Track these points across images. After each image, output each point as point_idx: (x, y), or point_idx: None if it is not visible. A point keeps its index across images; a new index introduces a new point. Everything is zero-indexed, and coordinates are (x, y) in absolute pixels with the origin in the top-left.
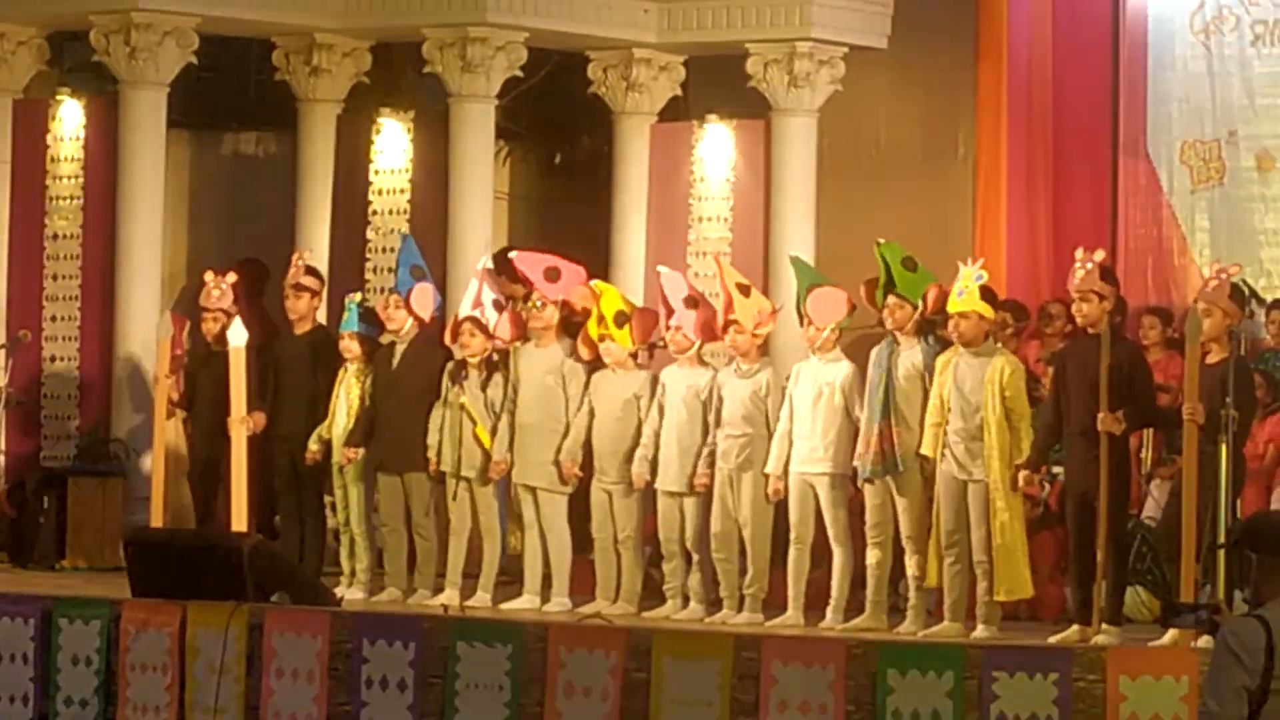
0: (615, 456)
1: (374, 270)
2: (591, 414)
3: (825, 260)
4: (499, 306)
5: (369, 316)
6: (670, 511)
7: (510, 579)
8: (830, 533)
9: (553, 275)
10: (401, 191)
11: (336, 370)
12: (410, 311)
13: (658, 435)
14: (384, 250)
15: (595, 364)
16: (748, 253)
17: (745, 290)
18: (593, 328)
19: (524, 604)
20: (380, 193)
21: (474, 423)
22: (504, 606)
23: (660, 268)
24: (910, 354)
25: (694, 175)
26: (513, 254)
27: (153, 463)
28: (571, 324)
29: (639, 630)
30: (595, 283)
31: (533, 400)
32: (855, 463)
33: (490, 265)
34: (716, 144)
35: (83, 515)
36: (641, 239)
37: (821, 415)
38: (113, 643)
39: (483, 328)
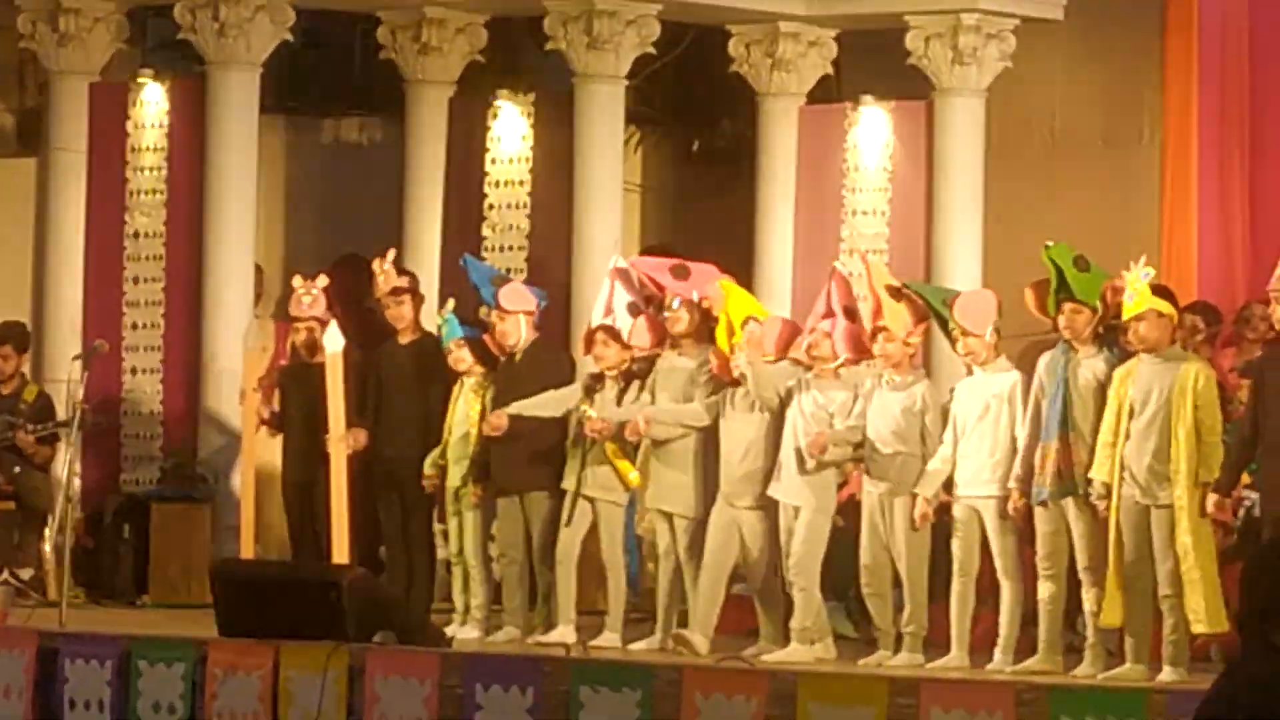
0: (751, 476)
1: None
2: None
3: (994, 257)
4: (634, 310)
5: (469, 319)
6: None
7: (643, 615)
8: (998, 564)
9: (680, 272)
10: (520, 183)
11: (447, 382)
12: (508, 313)
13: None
14: (502, 249)
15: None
16: (907, 249)
17: (896, 293)
18: (721, 337)
19: (656, 644)
20: (497, 184)
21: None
22: (634, 647)
23: (837, 264)
24: (1091, 363)
25: (847, 164)
26: (628, 260)
27: (242, 487)
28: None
29: (783, 673)
30: (722, 281)
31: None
32: (1012, 484)
33: (622, 264)
34: (872, 128)
35: (166, 546)
36: (788, 235)
37: (988, 432)
38: (198, 688)
39: (617, 336)
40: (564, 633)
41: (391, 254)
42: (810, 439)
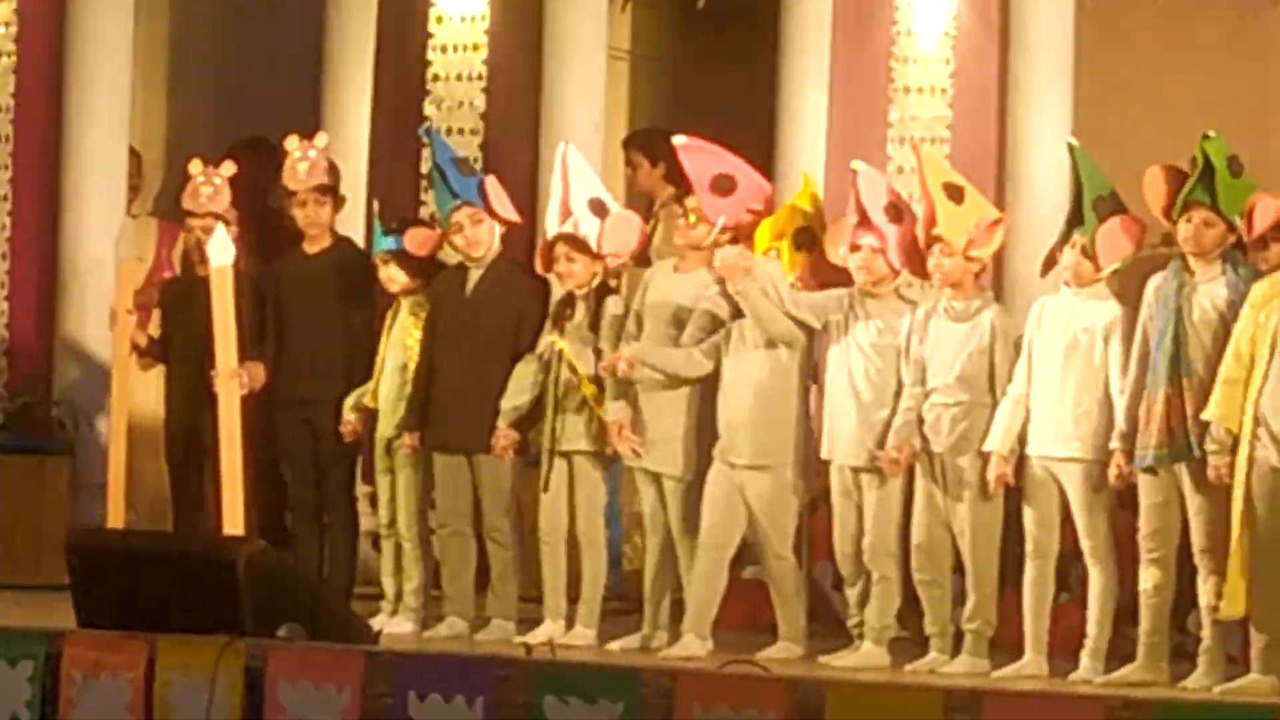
0: (758, 427)
1: None
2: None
3: (1088, 150)
4: (598, 208)
5: (406, 228)
6: (847, 506)
7: (625, 606)
8: (1085, 544)
9: (723, 186)
10: (474, 47)
11: (369, 303)
12: (497, 217)
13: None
14: (450, 132)
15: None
16: (974, 138)
17: (956, 194)
18: (762, 235)
19: (642, 643)
20: (444, 50)
21: (577, 376)
22: (613, 646)
23: (857, 164)
24: (1211, 288)
25: (897, 26)
26: (679, 140)
27: (110, 435)
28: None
29: (807, 682)
30: (806, 173)
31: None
32: (1115, 443)
33: (571, 155)
34: None
35: (10, 510)
36: (820, 119)
37: (1075, 374)
38: (49, 693)
39: (583, 246)
40: (551, 629)
41: (323, 137)
42: (894, 451)
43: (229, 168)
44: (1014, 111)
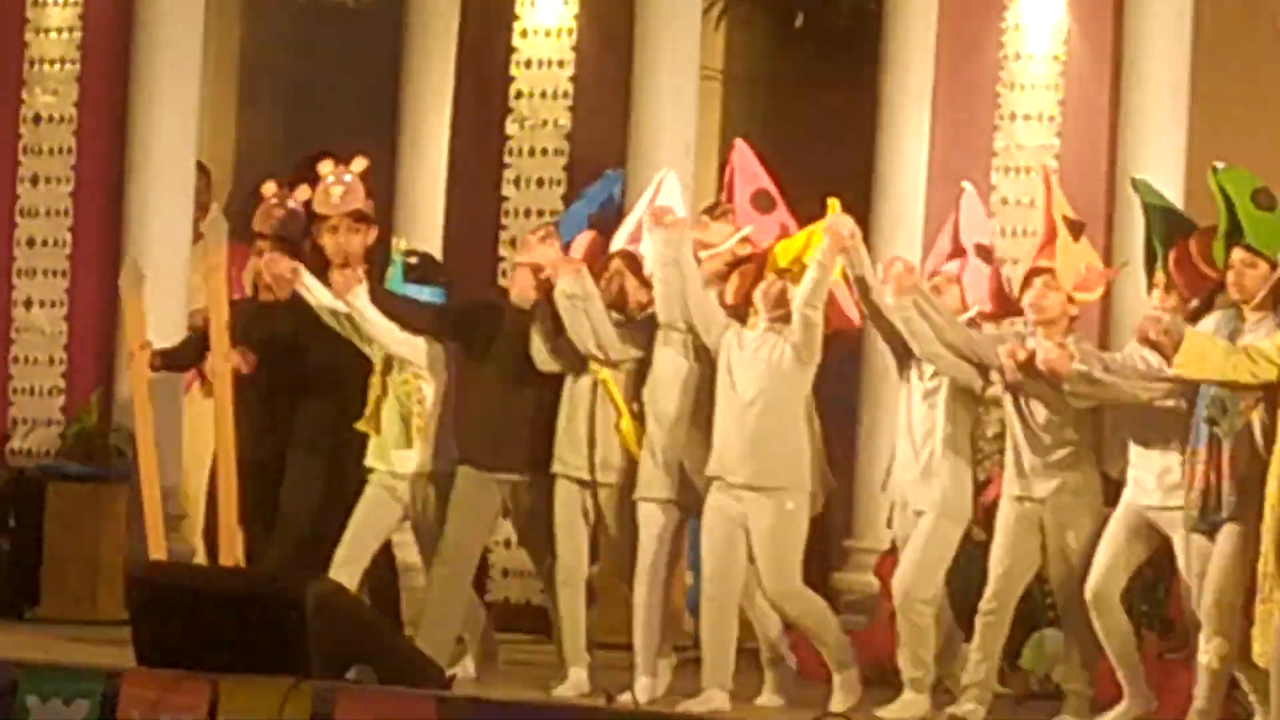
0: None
1: (515, 183)
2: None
3: (1200, 182)
4: None
5: (426, 270)
6: None
7: (691, 651)
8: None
9: (763, 203)
10: (560, 64)
11: None
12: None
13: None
14: (532, 152)
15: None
16: (1083, 168)
17: (1076, 230)
18: (784, 251)
19: (713, 703)
20: (528, 65)
21: (618, 411)
22: (689, 706)
23: (967, 184)
24: (1257, 336)
25: (1005, 50)
26: (740, 141)
27: (141, 465)
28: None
29: None
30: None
31: (667, 387)
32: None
33: (669, 183)
34: (1041, 5)
35: (67, 541)
36: (922, 144)
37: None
38: None
39: (636, 266)
40: (576, 678)
41: (360, 162)
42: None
43: (304, 192)
44: (1125, 141)
